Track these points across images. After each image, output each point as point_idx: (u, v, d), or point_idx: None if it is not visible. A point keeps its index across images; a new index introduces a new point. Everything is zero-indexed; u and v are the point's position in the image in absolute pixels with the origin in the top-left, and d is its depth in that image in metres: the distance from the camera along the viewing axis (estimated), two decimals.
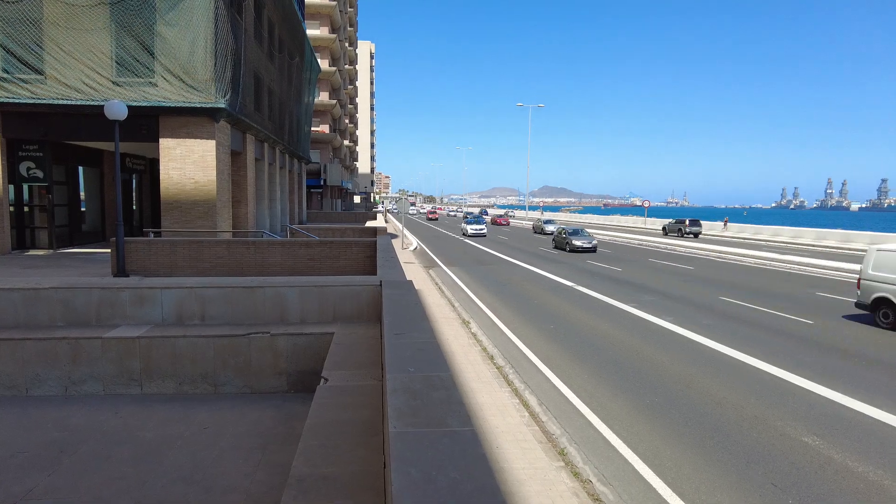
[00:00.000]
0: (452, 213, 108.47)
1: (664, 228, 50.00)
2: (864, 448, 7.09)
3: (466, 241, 41.50)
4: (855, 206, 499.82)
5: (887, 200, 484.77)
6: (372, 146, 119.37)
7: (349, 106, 74.71)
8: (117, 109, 12.57)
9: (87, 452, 6.31)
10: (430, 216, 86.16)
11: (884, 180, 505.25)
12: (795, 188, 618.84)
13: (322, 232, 22.68)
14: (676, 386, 9.41)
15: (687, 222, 46.78)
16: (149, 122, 17.06)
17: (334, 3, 52.63)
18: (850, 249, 34.72)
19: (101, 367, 8.06)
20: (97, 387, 8.09)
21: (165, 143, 17.14)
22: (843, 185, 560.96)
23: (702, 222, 48.57)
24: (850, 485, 6.22)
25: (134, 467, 6.01)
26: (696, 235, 46.17)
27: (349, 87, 71.41)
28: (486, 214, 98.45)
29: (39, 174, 17.70)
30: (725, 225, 52.44)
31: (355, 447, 4.27)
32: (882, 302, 13.55)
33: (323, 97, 52.90)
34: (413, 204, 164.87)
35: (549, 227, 49.52)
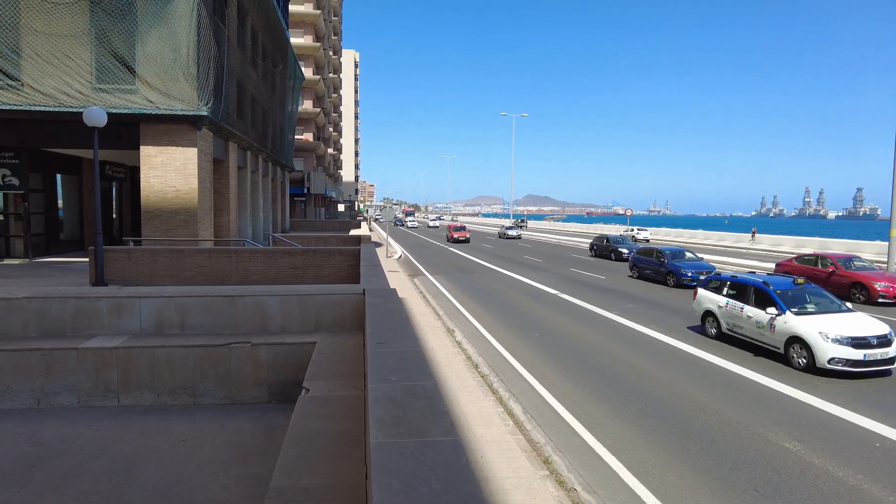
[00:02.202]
0: (512, 233, 54.19)
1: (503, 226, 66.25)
2: (844, 452, 7.17)
3: None
4: (832, 215, 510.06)
5: (863, 209, 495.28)
6: (356, 154, 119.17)
7: (333, 114, 74.59)
8: (96, 116, 12.38)
9: (61, 467, 6.13)
10: (454, 234, 47.91)
11: (859, 189, 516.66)
12: (775, 197, 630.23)
13: (305, 240, 22.52)
14: (660, 393, 9.44)
15: (514, 222, 72.57)
16: (129, 130, 16.83)
17: (319, 11, 52.66)
18: None
19: (76, 379, 7.86)
20: (72, 399, 7.89)
21: (146, 151, 16.91)
22: (821, 193, 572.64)
23: (528, 222, 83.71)
24: (831, 489, 6.27)
25: (110, 481, 5.85)
26: (520, 229, 62.55)
27: (333, 95, 71.36)
28: (462, 227, 57.12)
29: (15, 182, 17.35)
30: (753, 236, 46.40)
31: (336, 458, 4.19)
32: None
33: (307, 105, 52.77)
34: (411, 213, 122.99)
35: None
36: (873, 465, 6.81)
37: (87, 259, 15.02)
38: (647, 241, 50.84)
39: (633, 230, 54.81)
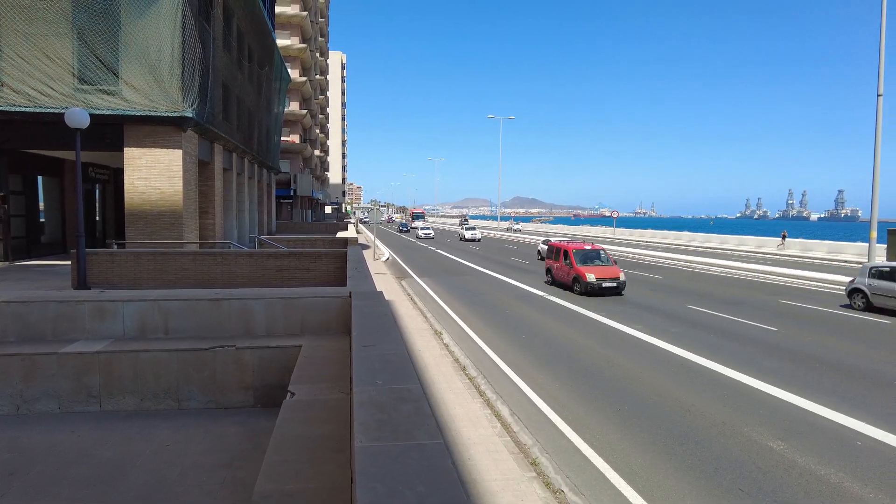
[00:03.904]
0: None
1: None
2: (826, 451, 7.26)
3: None
4: (814, 217, 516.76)
5: (844, 210, 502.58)
6: (343, 156, 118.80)
7: (320, 116, 74.30)
8: (79, 117, 12.21)
9: (41, 474, 6.02)
10: (587, 274, 19.41)
11: (840, 191, 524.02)
12: (759, 199, 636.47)
13: (292, 243, 22.38)
14: (646, 394, 9.50)
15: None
16: (113, 131, 16.62)
17: (305, 13, 52.47)
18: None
19: (57, 384, 7.72)
20: (52, 405, 7.75)
21: (130, 153, 16.71)
22: (804, 195, 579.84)
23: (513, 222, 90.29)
24: (814, 487, 6.34)
25: (91, 488, 5.75)
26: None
27: (320, 97, 71.07)
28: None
29: None
30: (783, 240, 39.97)
31: (321, 463, 4.16)
32: None
33: (293, 107, 52.50)
34: (421, 216, 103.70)
35: None
36: (854, 463, 6.91)
37: (69, 262, 14.80)
38: (520, 231, 73.32)
39: (512, 224, 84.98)
